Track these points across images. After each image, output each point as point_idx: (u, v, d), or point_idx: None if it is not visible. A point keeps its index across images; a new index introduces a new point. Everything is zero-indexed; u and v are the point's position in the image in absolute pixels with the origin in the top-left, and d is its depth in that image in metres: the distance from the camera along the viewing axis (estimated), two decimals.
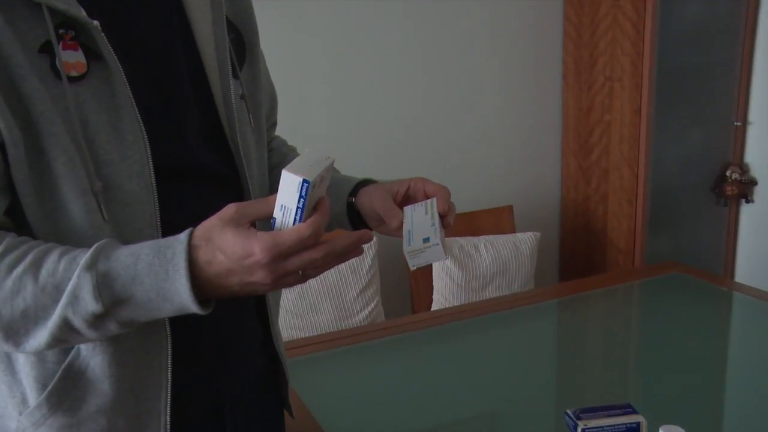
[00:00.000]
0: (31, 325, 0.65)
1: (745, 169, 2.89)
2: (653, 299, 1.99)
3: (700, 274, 2.09)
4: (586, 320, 1.89)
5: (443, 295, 2.44)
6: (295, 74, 2.42)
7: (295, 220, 0.65)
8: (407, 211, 0.88)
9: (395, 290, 2.63)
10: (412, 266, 0.83)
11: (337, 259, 0.68)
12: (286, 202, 0.65)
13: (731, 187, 2.85)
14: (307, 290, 2.23)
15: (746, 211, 2.97)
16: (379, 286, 2.39)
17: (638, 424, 1.01)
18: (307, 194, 0.64)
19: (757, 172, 2.89)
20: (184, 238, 0.66)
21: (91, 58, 0.70)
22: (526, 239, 2.53)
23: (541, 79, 2.89)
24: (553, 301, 2.00)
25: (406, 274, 2.58)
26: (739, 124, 2.86)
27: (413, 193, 0.90)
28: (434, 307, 2.45)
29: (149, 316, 0.67)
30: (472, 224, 2.62)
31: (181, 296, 0.65)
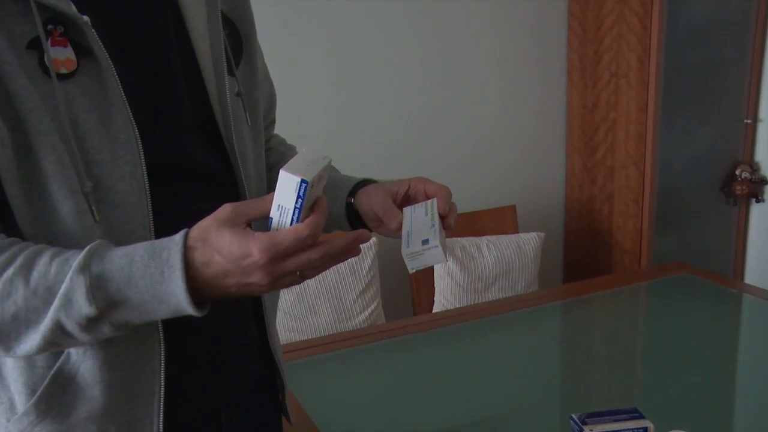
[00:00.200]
0: (22, 328, 0.65)
1: (755, 167, 2.89)
2: (660, 301, 1.99)
3: (708, 275, 2.09)
4: (591, 322, 1.90)
5: (445, 296, 2.44)
6: (295, 73, 2.42)
7: (292, 220, 0.66)
8: (407, 212, 0.88)
9: (396, 292, 2.63)
10: (410, 269, 0.83)
11: (334, 259, 0.69)
12: (283, 202, 0.66)
13: (741, 186, 2.85)
14: (305, 292, 2.23)
15: (756, 210, 2.98)
16: (379, 287, 2.39)
17: (645, 429, 1.02)
18: (305, 194, 0.65)
19: (767, 170, 2.89)
20: (179, 239, 0.66)
21: (81, 54, 0.69)
22: (529, 240, 2.54)
23: (544, 75, 2.89)
24: (557, 303, 2.00)
25: (406, 275, 2.60)
26: (749, 121, 2.86)
27: (413, 193, 0.90)
28: (435, 309, 2.46)
29: (144, 318, 0.67)
30: (474, 224, 2.63)
31: (177, 298, 0.65)
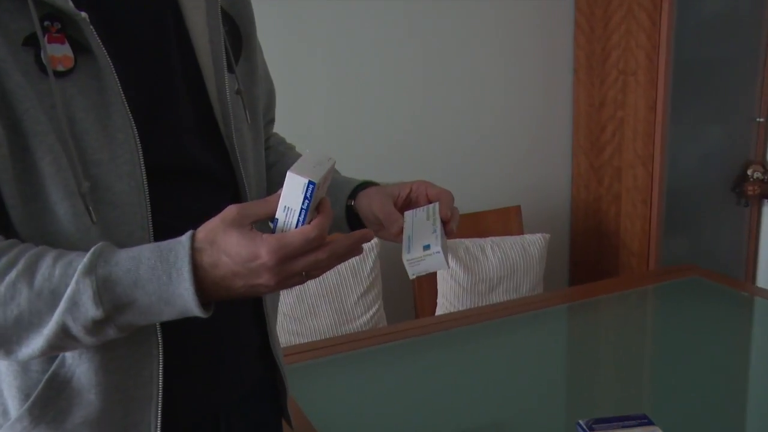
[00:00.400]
0: (24, 332, 0.65)
1: (767, 167, 2.87)
2: (669, 304, 1.98)
3: (718, 278, 2.07)
4: (597, 326, 1.89)
5: (448, 299, 2.43)
6: (295, 73, 2.42)
7: (298, 221, 0.68)
8: (408, 215, 0.87)
9: (398, 294, 2.62)
10: (411, 275, 0.83)
11: (338, 259, 0.70)
12: (290, 203, 0.67)
13: (753, 186, 2.84)
14: (305, 293, 2.22)
15: None
16: (380, 289, 2.38)
17: None
18: (312, 196, 0.67)
19: None
20: (186, 241, 0.66)
21: (78, 51, 0.68)
22: (534, 241, 2.53)
23: (550, 73, 2.88)
24: (563, 305, 1.99)
25: (408, 277, 2.54)
26: (761, 120, 2.85)
27: (415, 196, 0.90)
28: (438, 311, 2.45)
29: (149, 320, 0.68)
30: (478, 225, 2.62)
31: (184, 300, 0.66)
